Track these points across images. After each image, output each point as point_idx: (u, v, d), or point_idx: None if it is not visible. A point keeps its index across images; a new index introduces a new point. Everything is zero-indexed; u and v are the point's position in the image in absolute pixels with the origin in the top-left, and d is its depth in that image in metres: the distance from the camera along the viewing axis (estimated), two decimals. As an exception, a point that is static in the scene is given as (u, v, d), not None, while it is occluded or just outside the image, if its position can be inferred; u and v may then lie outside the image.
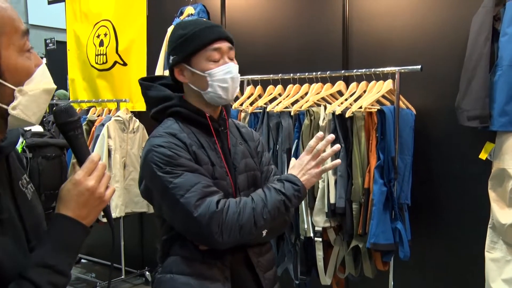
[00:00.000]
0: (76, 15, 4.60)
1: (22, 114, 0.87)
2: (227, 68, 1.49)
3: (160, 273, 1.49)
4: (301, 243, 2.73)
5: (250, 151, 1.62)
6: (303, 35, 3.20)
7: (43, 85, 0.90)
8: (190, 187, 1.36)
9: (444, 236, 2.73)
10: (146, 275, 4.22)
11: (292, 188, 1.44)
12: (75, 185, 0.93)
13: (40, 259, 0.87)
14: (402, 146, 2.50)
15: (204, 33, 1.47)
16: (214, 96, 1.49)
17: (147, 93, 1.57)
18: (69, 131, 0.98)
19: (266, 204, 1.41)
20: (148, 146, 1.43)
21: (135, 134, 3.83)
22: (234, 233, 1.37)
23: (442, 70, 2.66)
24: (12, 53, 0.85)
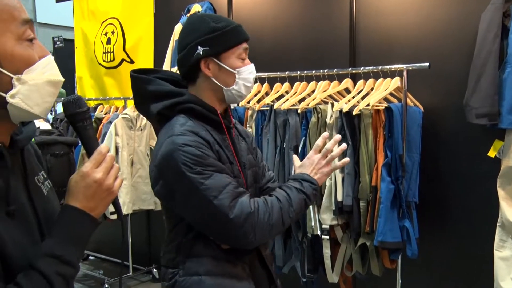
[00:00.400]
0: (84, 13, 4.62)
1: (22, 103, 0.85)
2: (251, 68, 1.53)
3: (183, 276, 1.43)
4: (308, 241, 2.73)
5: (249, 147, 1.63)
6: (310, 32, 3.19)
7: (47, 76, 0.89)
8: (222, 188, 1.35)
9: (452, 234, 2.72)
10: (154, 272, 4.23)
11: (310, 187, 1.49)
12: (82, 177, 0.92)
13: (48, 249, 0.87)
14: (409, 144, 2.49)
15: (238, 31, 1.49)
16: (236, 93, 1.50)
17: (147, 87, 1.48)
18: (77, 122, 0.98)
19: (291, 204, 1.44)
20: (171, 145, 1.36)
21: (142, 132, 3.84)
22: (265, 233, 1.39)
23: (450, 67, 2.65)
24: (8, 40, 0.85)
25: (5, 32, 0.84)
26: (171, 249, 1.48)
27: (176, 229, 1.47)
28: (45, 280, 0.84)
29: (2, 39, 0.84)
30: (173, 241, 1.48)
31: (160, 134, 1.47)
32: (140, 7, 4.15)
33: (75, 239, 0.91)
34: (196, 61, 1.46)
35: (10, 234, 0.85)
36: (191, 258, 1.44)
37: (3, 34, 0.84)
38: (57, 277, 0.86)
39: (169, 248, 1.49)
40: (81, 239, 0.92)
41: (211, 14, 1.56)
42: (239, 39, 1.49)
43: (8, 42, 0.84)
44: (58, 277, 0.86)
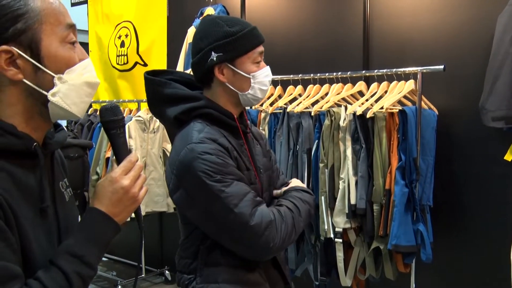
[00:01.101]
0: (98, 16, 4.66)
1: (61, 102, 0.90)
2: (267, 71, 1.51)
3: (200, 283, 1.43)
4: (321, 244, 2.72)
5: (264, 150, 1.62)
6: (324, 35, 3.18)
7: (85, 78, 0.93)
8: (243, 196, 1.35)
9: (467, 238, 2.69)
10: (166, 274, 4.25)
11: (310, 196, 1.56)
12: (111, 183, 0.95)
13: (70, 248, 0.89)
14: (424, 147, 2.47)
15: (253, 35, 1.46)
16: (252, 98, 1.49)
17: (163, 90, 1.46)
18: (111, 129, 1.01)
19: (300, 213, 1.47)
20: (190, 153, 1.35)
21: (155, 134, 3.86)
22: (282, 241, 1.39)
23: (466, 70, 2.62)
24: (53, 41, 0.89)
25: (51, 35, 0.89)
26: (188, 255, 1.47)
27: (193, 235, 1.46)
28: (64, 277, 0.86)
29: (47, 41, 0.88)
30: (189, 248, 1.47)
31: (176, 140, 1.45)
32: (153, 10, 4.18)
33: (97, 241, 0.92)
34: (210, 67, 1.44)
35: (35, 233, 0.87)
36: (208, 266, 1.43)
37: (49, 36, 0.88)
38: (76, 276, 0.87)
39: (185, 254, 1.48)
40: (102, 242, 0.94)
41: (225, 17, 1.51)
42: (253, 44, 1.45)
43: (53, 44, 0.89)
44: (77, 277, 0.87)
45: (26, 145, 0.88)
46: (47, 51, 0.88)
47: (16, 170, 0.87)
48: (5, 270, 0.79)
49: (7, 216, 0.81)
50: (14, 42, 0.85)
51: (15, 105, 0.89)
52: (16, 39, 0.85)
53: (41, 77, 0.89)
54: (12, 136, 0.86)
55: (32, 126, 0.91)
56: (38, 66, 0.88)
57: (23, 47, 0.86)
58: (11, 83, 0.87)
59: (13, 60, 0.86)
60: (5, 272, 0.79)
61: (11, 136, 0.86)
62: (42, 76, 0.89)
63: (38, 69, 0.88)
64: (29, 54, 0.87)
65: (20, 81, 0.87)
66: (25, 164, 0.89)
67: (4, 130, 0.86)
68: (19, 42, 0.86)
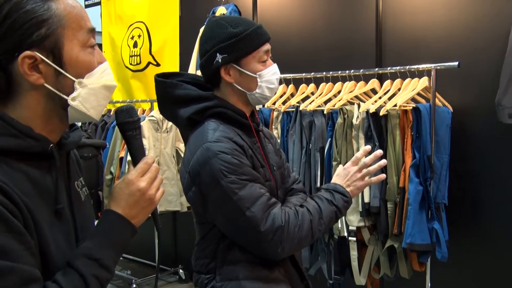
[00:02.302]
0: (111, 17, 4.70)
1: (81, 106, 0.91)
2: (274, 69, 1.50)
3: (220, 281, 1.43)
4: (335, 242, 2.71)
5: (275, 149, 1.62)
6: (336, 32, 3.17)
7: (103, 81, 0.94)
8: (256, 199, 1.34)
9: (483, 236, 2.66)
10: (180, 273, 4.27)
11: (342, 199, 1.47)
12: (127, 185, 0.95)
13: (87, 250, 0.89)
14: (438, 144, 2.44)
15: (257, 34, 1.45)
16: (260, 97, 1.49)
17: (174, 92, 1.48)
18: (127, 131, 1.01)
19: (321, 216, 1.43)
20: (207, 152, 1.35)
21: (168, 134, 3.87)
22: (294, 246, 1.39)
23: (481, 66, 2.59)
24: (75, 46, 0.90)
25: (73, 40, 0.90)
26: (205, 255, 1.47)
27: (210, 235, 1.46)
28: (82, 280, 0.86)
29: (69, 46, 0.89)
30: (207, 247, 1.47)
31: (191, 140, 1.46)
32: (166, 11, 4.20)
33: (114, 244, 0.93)
34: (216, 68, 1.45)
35: (53, 233, 0.88)
36: (228, 264, 1.43)
37: (71, 41, 0.89)
38: (93, 279, 0.87)
39: (203, 254, 1.48)
40: (119, 245, 0.94)
41: (229, 17, 1.52)
42: (258, 43, 1.45)
43: (75, 49, 0.90)
44: (94, 280, 0.88)
45: (43, 147, 0.89)
46: (68, 56, 0.89)
47: (33, 172, 0.88)
48: (24, 273, 0.79)
49: (25, 218, 0.82)
50: (38, 47, 0.86)
51: (35, 108, 0.90)
52: (40, 45, 0.86)
53: (62, 82, 0.90)
54: (30, 138, 0.87)
55: (49, 128, 0.92)
56: (60, 71, 0.89)
57: (46, 52, 0.87)
58: (32, 87, 0.88)
59: (36, 65, 0.87)
60: (25, 275, 0.79)
61: (28, 138, 0.87)
62: (63, 81, 0.90)
63: (59, 73, 0.89)
64: (52, 59, 0.88)
65: (41, 86, 0.88)
66: (41, 165, 0.90)
67: (22, 132, 0.86)
68: (42, 47, 0.86)
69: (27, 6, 0.85)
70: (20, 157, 0.86)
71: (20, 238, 0.80)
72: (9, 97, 0.89)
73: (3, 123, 0.85)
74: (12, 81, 0.87)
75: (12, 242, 0.78)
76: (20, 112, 0.89)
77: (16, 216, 0.80)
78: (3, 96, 0.89)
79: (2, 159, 0.84)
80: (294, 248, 1.41)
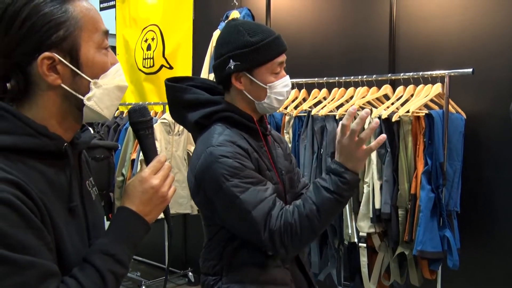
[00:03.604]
0: (126, 20, 4.74)
1: (95, 106, 0.93)
2: (286, 81, 1.48)
3: (226, 283, 1.43)
4: (345, 248, 2.70)
5: (285, 153, 1.62)
6: (349, 37, 3.16)
7: (116, 82, 0.97)
8: (257, 203, 1.33)
9: (495, 245, 2.63)
10: (189, 275, 4.27)
11: (339, 181, 1.32)
12: (141, 182, 0.97)
13: (103, 246, 0.92)
14: (451, 151, 2.42)
15: (273, 46, 1.44)
16: (267, 107, 1.48)
17: (183, 96, 1.48)
18: (140, 130, 1.03)
19: (318, 208, 1.34)
20: (210, 157, 1.36)
21: (180, 137, 3.89)
22: (296, 244, 1.36)
23: (495, 73, 2.57)
24: (91, 48, 0.93)
25: (89, 41, 0.92)
26: (212, 257, 1.48)
27: (217, 237, 1.47)
28: (99, 275, 0.88)
29: (86, 47, 0.92)
30: (214, 249, 1.48)
31: (197, 144, 1.48)
32: (179, 14, 4.23)
33: (128, 240, 0.95)
34: (228, 74, 1.45)
35: (68, 231, 0.90)
36: (234, 266, 1.44)
37: (87, 42, 0.92)
38: (109, 274, 0.90)
39: (210, 256, 1.49)
40: (134, 241, 0.96)
41: (248, 24, 1.49)
42: (272, 55, 1.44)
43: (91, 50, 0.92)
44: (110, 275, 0.90)
45: (57, 145, 0.91)
46: (85, 57, 0.91)
47: (48, 170, 0.90)
48: (44, 268, 0.81)
49: (43, 215, 0.84)
50: (56, 48, 0.88)
51: (50, 108, 0.92)
52: (58, 46, 0.88)
53: (78, 82, 0.92)
54: (45, 137, 0.89)
55: (63, 127, 0.94)
56: (77, 71, 0.91)
57: (64, 53, 0.89)
58: (49, 87, 0.90)
59: (54, 66, 0.89)
60: (44, 270, 0.81)
61: (43, 137, 0.89)
62: (79, 81, 0.92)
63: (76, 74, 0.91)
64: (69, 60, 0.90)
65: (58, 86, 0.90)
66: (55, 164, 0.92)
67: (37, 131, 0.88)
68: (60, 48, 0.89)
69: (45, 9, 0.87)
70: (35, 155, 0.88)
71: (38, 234, 0.82)
72: (26, 97, 0.91)
73: (19, 122, 0.87)
74: (29, 82, 0.90)
75: (31, 237, 0.80)
76: (36, 112, 0.91)
77: (35, 213, 0.82)
78: (20, 96, 0.91)
79: (19, 158, 0.85)
80: (298, 246, 1.38)
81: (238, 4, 3.71)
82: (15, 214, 0.79)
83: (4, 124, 0.86)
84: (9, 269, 0.77)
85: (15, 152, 0.85)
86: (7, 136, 0.85)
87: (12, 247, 0.77)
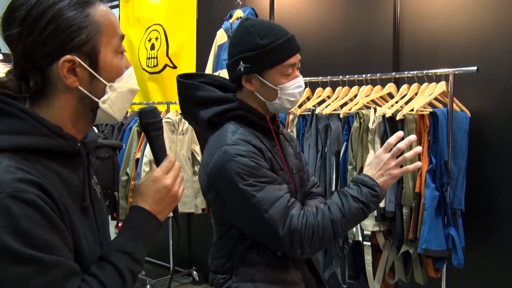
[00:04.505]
0: (129, 20, 4.75)
1: (109, 109, 0.96)
2: (298, 82, 1.46)
3: (236, 282, 1.43)
4: (349, 247, 2.70)
5: (295, 152, 1.61)
6: (353, 36, 3.16)
7: (129, 85, 0.99)
8: (274, 201, 1.33)
9: (500, 243, 2.62)
10: (194, 274, 4.28)
11: (369, 193, 1.38)
12: (154, 182, 1.00)
13: (120, 245, 0.94)
14: (455, 150, 2.42)
15: (284, 48, 1.41)
16: (279, 107, 1.47)
17: (195, 93, 1.48)
18: (151, 131, 1.05)
19: (344, 214, 1.36)
20: (224, 155, 1.35)
21: (184, 136, 3.90)
22: (314, 246, 1.36)
23: (500, 71, 2.56)
24: (109, 52, 0.95)
25: (107, 45, 0.94)
26: (222, 255, 1.48)
27: (227, 235, 1.47)
28: (118, 273, 0.91)
29: (104, 51, 0.94)
30: (224, 248, 1.48)
31: (210, 142, 1.46)
32: (183, 13, 4.23)
33: (144, 238, 0.98)
34: (238, 75, 1.45)
35: (83, 229, 0.92)
36: (245, 265, 1.43)
37: (106, 47, 0.94)
38: (127, 272, 0.92)
39: (219, 254, 1.49)
40: (148, 239, 0.99)
41: (261, 24, 1.45)
42: (282, 58, 1.42)
43: (109, 54, 0.95)
44: (128, 272, 0.93)
45: (71, 145, 0.93)
46: (103, 61, 0.94)
47: (63, 170, 0.92)
48: (68, 267, 0.83)
49: (62, 215, 0.86)
50: (77, 52, 0.90)
51: (66, 109, 0.93)
52: (79, 49, 0.90)
53: (94, 85, 0.94)
54: (60, 137, 0.91)
55: (76, 128, 0.96)
56: (95, 75, 0.93)
57: (84, 56, 0.91)
58: (66, 89, 0.92)
59: (73, 68, 0.91)
60: (68, 269, 0.83)
61: (58, 137, 0.90)
62: (96, 84, 0.94)
63: (93, 77, 0.93)
64: (88, 63, 0.92)
65: (75, 88, 0.92)
66: (68, 163, 0.94)
67: (53, 132, 0.90)
68: (81, 52, 0.91)
69: (69, 13, 0.89)
70: (50, 156, 0.89)
71: (60, 234, 0.84)
72: (42, 97, 0.92)
73: (35, 123, 0.88)
74: (47, 83, 0.91)
75: (55, 237, 0.82)
76: (52, 113, 0.92)
77: (55, 213, 0.84)
78: (37, 96, 0.92)
79: (36, 158, 0.87)
80: (315, 249, 1.38)
81: (242, 3, 3.71)
82: (40, 214, 0.80)
83: (22, 125, 0.87)
84: (36, 268, 0.79)
85: (32, 153, 0.87)
86: (25, 137, 0.87)
87: (38, 247, 0.79)
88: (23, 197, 0.79)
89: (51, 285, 0.80)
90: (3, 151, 0.84)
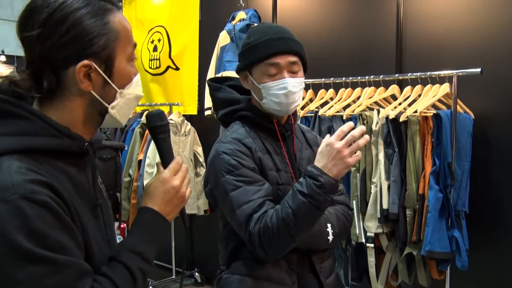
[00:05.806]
0: (132, 21, 4.75)
1: (117, 114, 0.98)
2: (282, 84, 1.44)
3: (227, 273, 1.50)
4: (352, 248, 2.69)
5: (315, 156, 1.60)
6: (356, 38, 3.16)
7: (136, 91, 1.01)
8: (243, 204, 1.37)
9: (504, 245, 2.62)
10: (196, 276, 4.27)
11: (313, 184, 1.29)
12: (162, 183, 1.02)
13: (131, 245, 0.96)
14: (459, 151, 2.42)
15: (264, 46, 1.43)
16: (269, 108, 1.49)
17: (216, 94, 1.59)
18: (158, 134, 1.07)
19: (293, 211, 1.31)
20: (214, 152, 1.46)
21: (186, 137, 3.90)
22: (276, 246, 1.35)
23: (504, 72, 2.55)
24: (123, 59, 0.97)
25: (122, 53, 0.96)
26: (222, 248, 1.56)
27: (226, 229, 1.54)
28: (129, 273, 0.92)
29: (119, 58, 0.96)
30: (223, 242, 1.55)
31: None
32: (186, 15, 4.24)
33: (153, 239, 0.99)
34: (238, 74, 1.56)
35: (92, 229, 0.93)
36: (237, 259, 1.49)
37: (121, 54, 0.96)
38: (138, 272, 0.94)
39: (221, 247, 1.57)
40: (158, 239, 1.01)
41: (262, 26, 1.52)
42: (260, 56, 1.44)
43: (123, 61, 0.97)
44: (139, 272, 0.94)
45: (79, 145, 0.94)
46: (118, 67, 0.96)
47: (71, 170, 0.93)
48: (80, 267, 0.84)
49: (72, 216, 0.87)
50: (94, 57, 0.92)
51: (76, 112, 0.95)
52: (97, 55, 0.92)
53: (106, 90, 0.96)
54: (67, 137, 0.92)
55: (83, 131, 0.97)
56: (108, 80, 0.95)
57: (100, 62, 0.93)
58: (79, 93, 0.93)
59: (88, 73, 0.92)
60: (80, 269, 0.84)
61: (66, 138, 0.92)
62: (107, 90, 0.96)
63: (106, 83, 0.95)
64: (103, 69, 0.94)
65: (88, 92, 0.93)
66: (76, 163, 0.95)
67: (61, 132, 0.91)
68: (98, 57, 0.92)
69: (90, 19, 0.91)
70: (58, 156, 0.91)
71: (71, 234, 0.85)
72: (53, 99, 0.93)
73: (44, 124, 0.89)
74: (60, 85, 0.92)
75: (67, 238, 0.83)
76: (62, 114, 0.93)
77: (66, 213, 0.85)
78: (48, 98, 0.93)
79: (45, 159, 0.88)
80: (279, 248, 1.36)
81: (245, 5, 3.72)
82: (52, 215, 0.82)
83: (30, 126, 0.88)
84: (50, 269, 0.80)
85: (41, 154, 0.88)
86: (34, 138, 0.88)
87: (51, 247, 0.80)
88: (35, 198, 0.80)
89: (63, 285, 0.81)
90: (13, 152, 0.85)
